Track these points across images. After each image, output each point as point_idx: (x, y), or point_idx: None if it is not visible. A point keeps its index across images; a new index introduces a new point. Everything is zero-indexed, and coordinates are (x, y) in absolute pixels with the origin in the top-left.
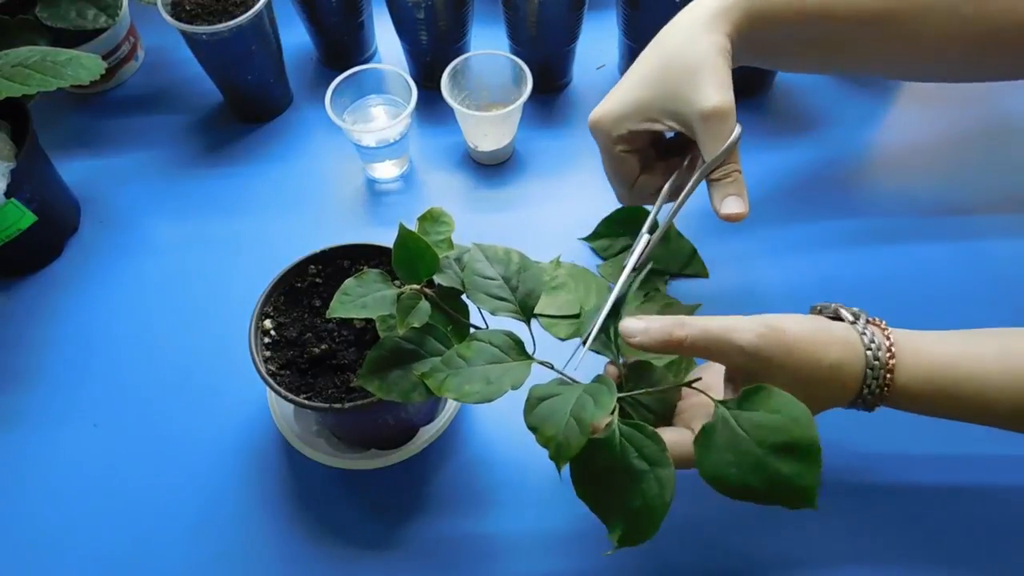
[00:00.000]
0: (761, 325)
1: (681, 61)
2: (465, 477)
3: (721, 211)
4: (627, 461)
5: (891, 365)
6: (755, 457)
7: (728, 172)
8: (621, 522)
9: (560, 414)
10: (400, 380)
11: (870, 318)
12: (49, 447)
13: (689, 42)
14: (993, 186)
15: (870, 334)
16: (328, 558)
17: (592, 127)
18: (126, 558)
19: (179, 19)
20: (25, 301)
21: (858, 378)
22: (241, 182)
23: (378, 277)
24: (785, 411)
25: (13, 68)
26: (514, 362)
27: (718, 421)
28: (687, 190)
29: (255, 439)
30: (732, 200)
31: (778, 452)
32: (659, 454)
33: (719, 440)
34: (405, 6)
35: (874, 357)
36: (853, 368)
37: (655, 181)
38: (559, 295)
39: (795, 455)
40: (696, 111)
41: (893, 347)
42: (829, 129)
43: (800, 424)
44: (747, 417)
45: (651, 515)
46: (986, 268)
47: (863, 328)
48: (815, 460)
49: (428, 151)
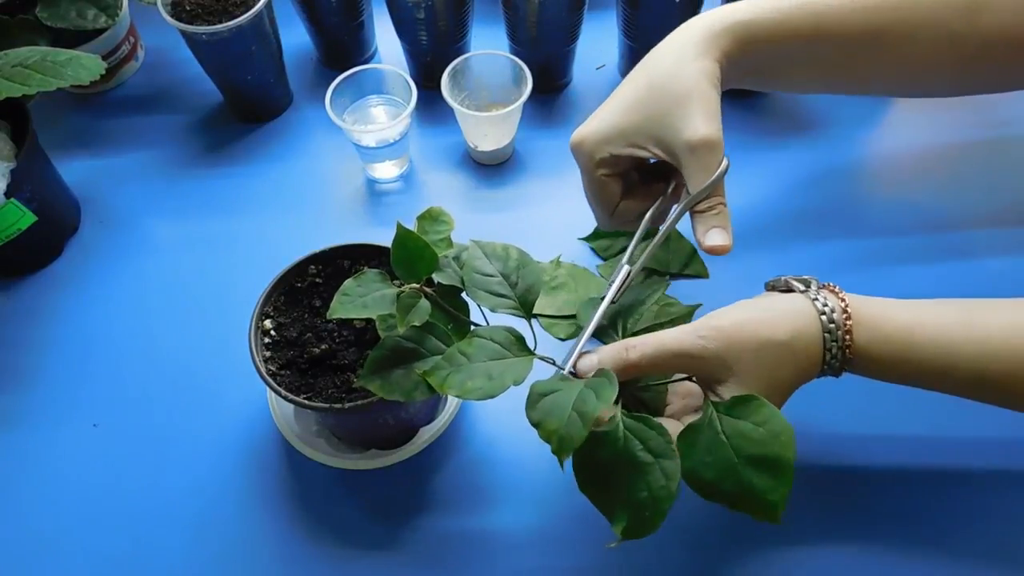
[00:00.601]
0: (702, 328)
1: (669, 88)
2: (465, 477)
3: (705, 243)
4: (632, 453)
5: (848, 326)
6: (731, 464)
7: (713, 205)
8: (625, 514)
9: (562, 408)
10: (402, 379)
11: (823, 283)
12: (49, 447)
13: (677, 68)
14: (992, 187)
15: (822, 299)
16: (328, 558)
17: (574, 148)
18: (126, 558)
19: (179, 19)
20: (25, 301)
21: (819, 345)
22: (241, 182)
23: (377, 277)
24: (768, 425)
25: (13, 68)
26: (516, 358)
27: (705, 421)
28: (670, 221)
29: (255, 439)
30: (716, 232)
31: (754, 463)
32: (665, 446)
33: (702, 440)
34: (405, 6)
35: (829, 320)
36: (811, 337)
37: (636, 206)
38: (559, 295)
39: (769, 470)
40: (683, 142)
41: (848, 307)
42: (828, 129)
43: (779, 441)
44: (732, 424)
45: (657, 506)
46: (984, 271)
47: (815, 294)
48: (786, 478)
49: (428, 151)
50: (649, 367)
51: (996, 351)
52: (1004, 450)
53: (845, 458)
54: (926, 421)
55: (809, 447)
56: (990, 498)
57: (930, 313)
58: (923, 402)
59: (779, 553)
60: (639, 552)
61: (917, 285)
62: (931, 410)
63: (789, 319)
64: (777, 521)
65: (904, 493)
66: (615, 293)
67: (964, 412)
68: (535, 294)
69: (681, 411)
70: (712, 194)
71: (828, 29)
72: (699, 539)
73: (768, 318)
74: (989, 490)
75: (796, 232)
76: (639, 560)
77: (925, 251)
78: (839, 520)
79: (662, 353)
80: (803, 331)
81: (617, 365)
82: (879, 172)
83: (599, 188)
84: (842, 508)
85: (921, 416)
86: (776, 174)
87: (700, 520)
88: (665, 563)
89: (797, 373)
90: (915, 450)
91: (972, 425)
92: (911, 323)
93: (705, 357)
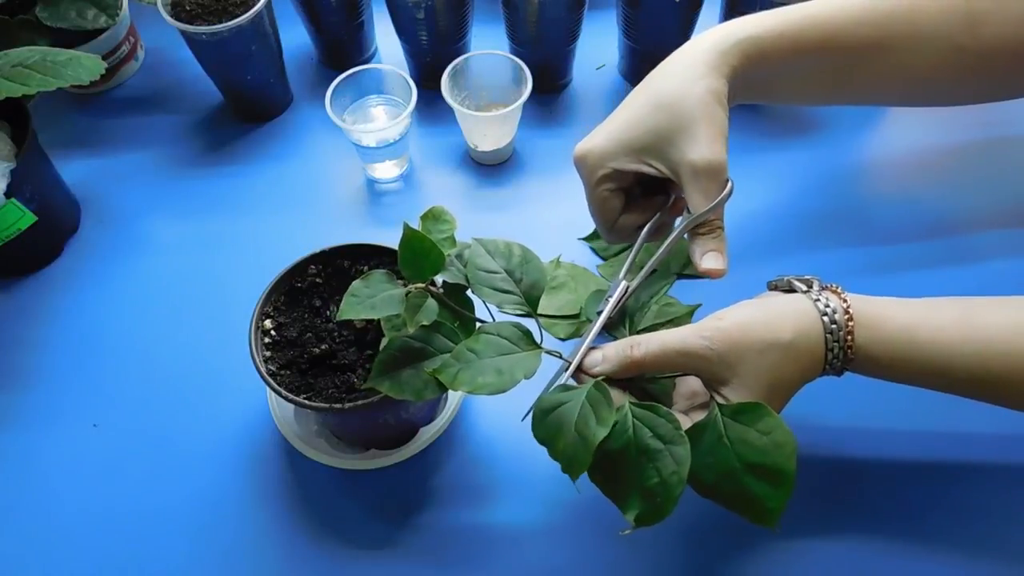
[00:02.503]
0: (706, 328)
1: (676, 108)
2: (465, 476)
3: (701, 266)
4: (642, 442)
5: (850, 327)
6: (732, 468)
7: (712, 228)
8: (637, 502)
9: (567, 427)
10: (412, 379)
11: (825, 284)
12: (49, 447)
13: (685, 87)
14: (994, 188)
15: (824, 299)
16: (328, 557)
17: (577, 162)
18: (126, 558)
19: (179, 19)
20: (25, 301)
21: (821, 345)
22: (241, 182)
23: (384, 277)
24: (772, 435)
25: (13, 68)
26: (524, 352)
27: (710, 423)
28: (668, 243)
29: (255, 439)
30: (712, 256)
31: (754, 471)
32: (674, 432)
33: (706, 440)
34: (405, 6)
35: (831, 321)
36: (813, 338)
37: (636, 219)
38: (559, 295)
39: (769, 478)
40: (688, 163)
41: (850, 309)
42: (827, 130)
43: (782, 452)
44: (736, 429)
45: (668, 492)
46: (985, 269)
47: (817, 295)
48: (786, 488)
49: (428, 151)
50: (652, 365)
51: (997, 351)
52: (1002, 446)
53: (844, 452)
54: (925, 416)
55: (808, 441)
56: (988, 494)
57: (930, 313)
58: (922, 398)
59: (778, 546)
60: (639, 547)
61: (918, 285)
62: (930, 406)
63: (791, 320)
64: (774, 527)
65: (903, 488)
66: (612, 309)
67: (963, 408)
68: (540, 290)
69: (686, 411)
70: (711, 217)
71: (835, 42)
72: (698, 533)
73: (771, 319)
74: (988, 486)
75: (796, 232)
76: (639, 555)
77: (925, 251)
78: (838, 515)
79: (666, 352)
80: (805, 332)
81: (622, 362)
82: (879, 173)
83: (601, 202)
84: (840, 502)
85: (920, 412)
86: (775, 176)
87: (700, 514)
88: (664, 558)
89: (800, 373)
90: (914, 445)
91: (971, 421)
92: (912, 323)
93: (708, 357)
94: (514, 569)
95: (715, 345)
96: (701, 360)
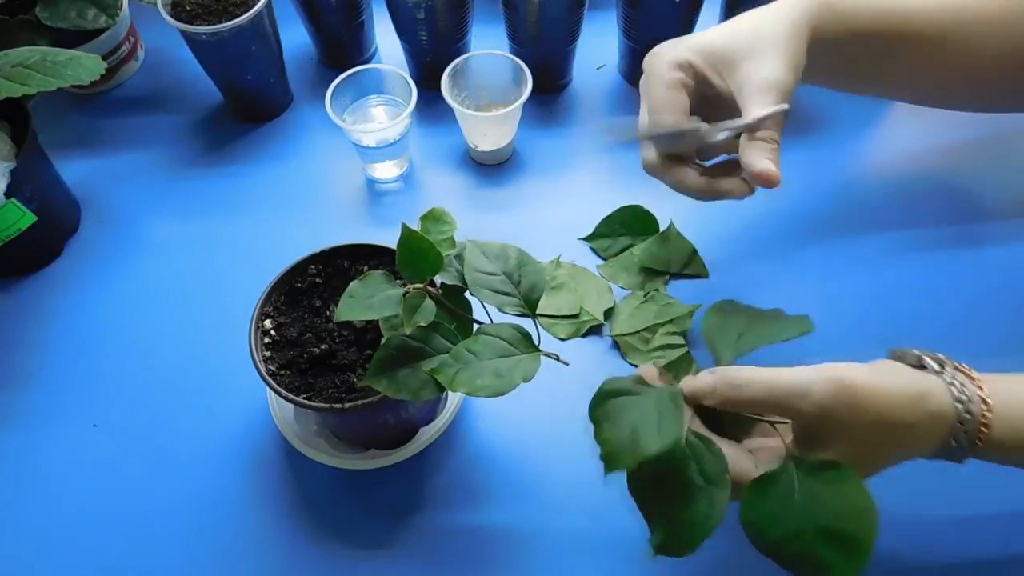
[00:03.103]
0: (832, 383)
1: (758, 33)
2: (465, 476)
3: (755, 167)
4: (685, 473)
5: (988, 419)
6: (801, 528)
7: (769, 136)
8: (663, 529)
9: (625, 420)
10: (409, 378)
11: (956, 364)
12: (49, 447)
13: (777, 23)
14: (996, 186)
15: (959, 385)
16: (328, 557)
17: (651, 55)
18: (126, 558)
19: (179, 19)
20: (25, 301)
21: (943, 433)
22: (241, 182)
23: (382, 278)
24: (852, 499)
25: (13, 68)
26: (523, 355)
27: (782, 475)
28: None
29: (255, 439)
30: (768, 161)
31: (827, 535)
32: (719, 474)
33: (775, 493)
34: (405, 6)
35: (965, 411)
36: (938, 424)
37: None
38: (559, 295)
39: (842, 546)
40: (757, 77)
41: (988, 399)
42: (827, 129)
43: (862, 519)
44: (811, 487)
45: (694, 532)
46: (993, 270)
47: (951, 378)
48: (860, 559)
49: (428, 151)
50: (758, 407)
51: None
52: None
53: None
54: None
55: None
56: None
57: None
58: None
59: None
60: (637, 552)
61: (922, 284)
62: None
63: (920, 405)
64: None
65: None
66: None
67: None
68: (539, 292)
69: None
70: (770, 128)
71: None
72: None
73: (904, 398)
74: None
75: (795, 233)
76: (640, 560)
77: (926, 248)
78: None
79: (784, 400)
80: (932, 417)
81: (723, 400)
82: (878, 172)
83: (669, 92)
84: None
85: None
86: None
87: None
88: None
89: (905, 454)
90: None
91: None
92: None
93: (824, 416)
94: (513, 569)
95: (835, 404)
96: (815, 415)
